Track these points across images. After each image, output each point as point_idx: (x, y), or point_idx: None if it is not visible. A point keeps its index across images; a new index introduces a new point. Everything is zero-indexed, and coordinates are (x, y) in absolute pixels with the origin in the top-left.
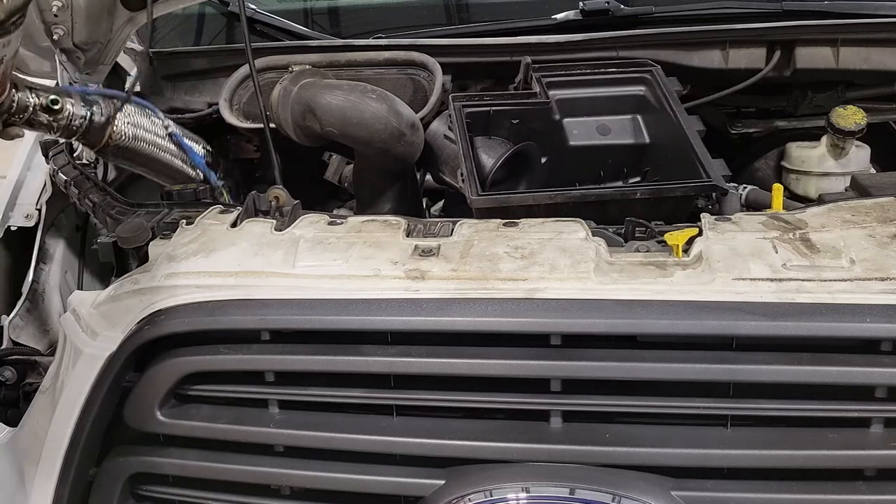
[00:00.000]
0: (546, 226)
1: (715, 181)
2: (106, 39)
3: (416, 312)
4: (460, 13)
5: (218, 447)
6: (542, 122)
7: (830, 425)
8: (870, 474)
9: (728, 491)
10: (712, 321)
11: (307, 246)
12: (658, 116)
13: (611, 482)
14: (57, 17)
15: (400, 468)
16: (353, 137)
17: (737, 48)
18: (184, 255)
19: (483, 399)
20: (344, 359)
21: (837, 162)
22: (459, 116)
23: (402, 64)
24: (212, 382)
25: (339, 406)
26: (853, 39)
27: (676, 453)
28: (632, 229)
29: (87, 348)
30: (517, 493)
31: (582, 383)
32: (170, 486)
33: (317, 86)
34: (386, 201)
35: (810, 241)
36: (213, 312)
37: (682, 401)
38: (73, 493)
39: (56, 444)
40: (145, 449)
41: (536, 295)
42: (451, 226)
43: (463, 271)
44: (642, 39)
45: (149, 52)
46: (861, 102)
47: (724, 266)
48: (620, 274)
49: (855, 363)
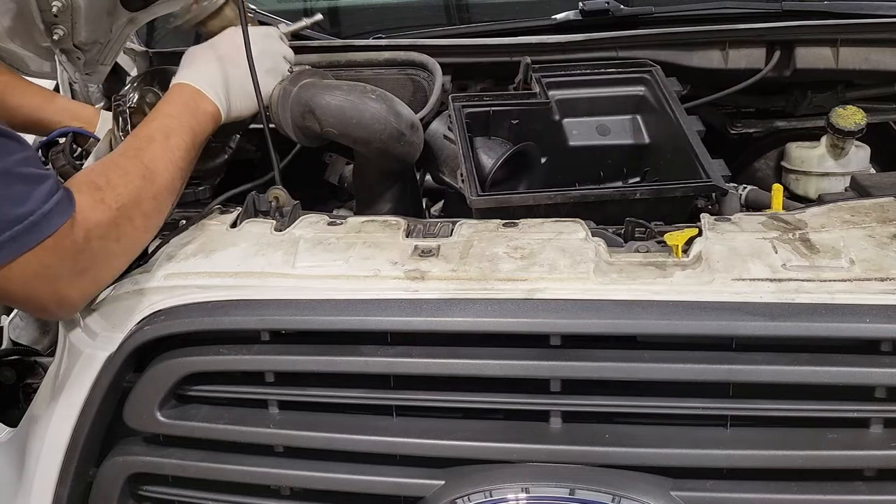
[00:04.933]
0: (546, 226)
1: (715, 181)
2: (106, 39)
3: (416, 313)
4: (460, 13)
5: (218, 448)
6: (542, 123)
7: (830, 425)
8: (869, 474)
9: (728, 491)
10: (712, 321)
11: (307, 246)
12: (658, 116)
13: (610, 482)
14: (57, 18)
15: (400, 468)
16: (353, 137)
17: (737, 48)
18: (183, 256)
19: (483, 399)
20: (344, 359)
21: (837, 162)
22: (459, 116)
23: (402, 64)
24: (212, 383)
25: (338, 406)
26: (853, 39)
27: (676, 453)
28: (631, 229)
29: (87, 348)
30: (517, 493)
31: (582, 383)
32: (170, 486)
33: (316, 86)
34: (386, 202)
35: (810, 242)
36: (213, 313)
37: (682, 401)
38: (73, 493)
39: (56, 444)
40: (145, 449)
41: (536, 295)
42: (450, 226)
43: (463, 272)
44: (642, 40)
45: (149, 52)
46: (861, 102)
47: (724, 266)
48: (620, 274)
49: (854, 363)
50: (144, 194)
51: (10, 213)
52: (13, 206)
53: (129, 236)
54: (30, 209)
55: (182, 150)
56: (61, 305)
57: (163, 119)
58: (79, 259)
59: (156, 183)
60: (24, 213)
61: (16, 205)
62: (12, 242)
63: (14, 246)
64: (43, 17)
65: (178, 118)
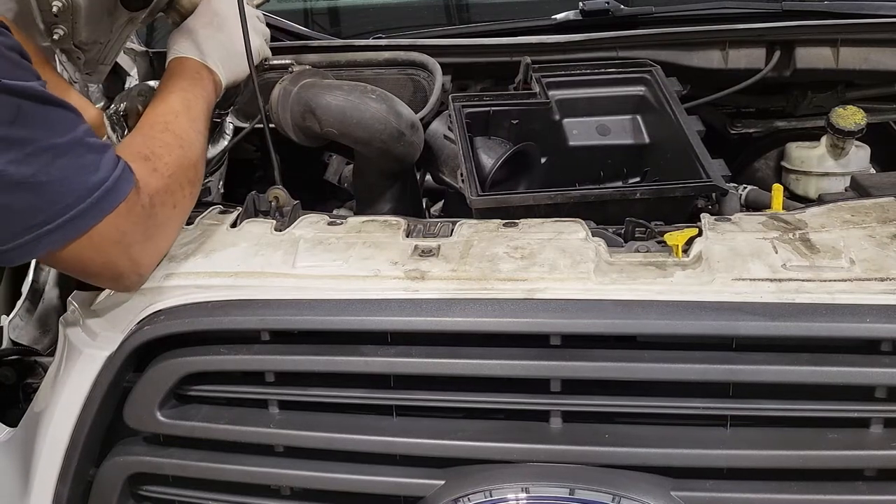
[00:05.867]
0: (546, 226)
1: (715, 181)
2: (106, 39)
3: (416, 313)
4: (460, 13)
5: (218, 447)
6: (542, 123)
7: (830, 425)
8: (870, 474)
9: (727, 491)
10: (712, 321)
11: (307, 246)
12: (658, 116)
13: (610, 482)
14: (57, 18)
15: (400, 468)
16: (353, 137)
17: (736, 48)
18: (183, 256)
19: (483, 399)
20: (344, 359)
21: (837, 162)
22: (459, 116)
23: (402, 64)
24: (212, 383)
25: (339, 406)
26: (853, 40)
27: (676, 453)
28: (631, 229)
29: (87, 348)
30: (517, 493)
31: (582, 383)
32: (169, 486)
33: (317, 86)
34: (386, 201)
35: (810, 242)
36: (213, 313)
37: (682, 401)
38: (73, 493)
39: (56, 444)
40: (145, 449)
41: (536, 295)
42: (450, 226)
43: (463, 272)
44: (642, 40)
45: (149, 52)
46: (861, 102)
47: (724, 266)
48: (620, 274)
49: (855, 363)
50: (186, 163)
51: (88, 181)
52: (89, 174)
53: (182, 203)
54: (103, 176)
55: (202, 120)
56: (137, 270)
57: (179, 93)
58: (148, 224)
59: (193, 151)
60: (99, 180)
61: (91, 172)
62: (93, 208)
63: (95, 212)
64: (43, 17)
65: (191, 90)
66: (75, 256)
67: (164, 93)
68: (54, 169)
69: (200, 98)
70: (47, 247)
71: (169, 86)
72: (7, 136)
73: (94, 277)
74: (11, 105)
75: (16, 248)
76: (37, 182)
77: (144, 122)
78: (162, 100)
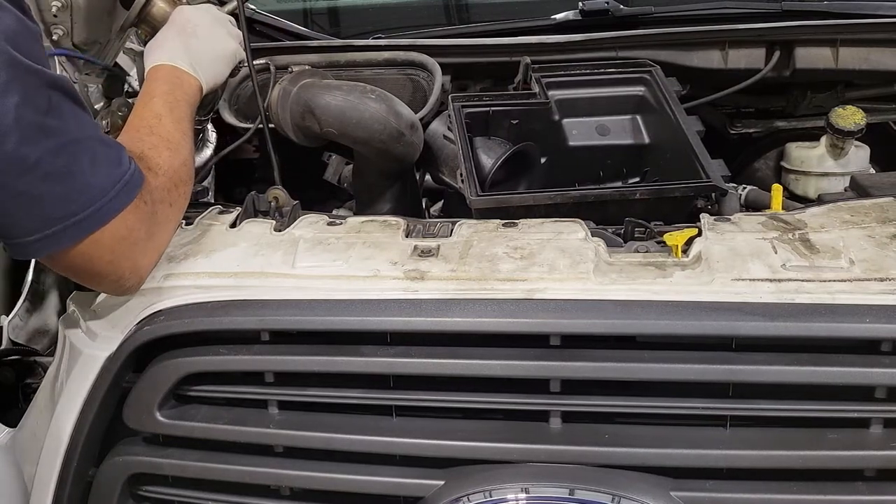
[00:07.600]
0: (545, 226)
1: (714, 181)
2: (106, 39)
3: (416, 313)
4: (460, 13)
5: (217, 448)
6: (542, 123)
7: (830, 426)
8: (869, 475)
9: (727, 491)
10: (712, 322)
11: (306, 246)
12: (658, 117)
13: (610, 482)
14: (57, 18)
15: (399, 469)
16: (353, 138)
17: (736, 48)
18: (183, 256)
19: (482, 399)
20: (343, 359)
21: (837, 162)
22: (459, 117)
23: (402, 64)
24: (211, 383)
25: (338, 406)
26: (852, 40)
27: (676, 454)
28: (631, 229)
29: (87, 348)
30: (516, 493)
31: (581, 384)
32: (169, 486)
33: (316, 86)
34: (385, 201)
35: (810, 242)
36: (213, 313)
37: (682, 401)
38: (73, 493)
39: (56, 445)
40: (145, 449)
41: (536, 295)
42: (450, 226)
43: (462, 272)
44: (642, 40)
45: None
46: (861, 102)
47: (724, 266)
48: (620, 274)
49: (854, 363)
50: (177, 163)
51: (112, 174)
52: (113, 166)
53: (178, 202)
54: (124, 169)
55: (186, 121)
56: (136, 273)
57: (160, 97)
58: (151, 222)
59: (181, 153)
60: (120, 173)
61: (115, 165)
62: (115, 200)
63: (116, 204)
64: (43, 17)
65: (172, 94)
66: (84, 254)
67: (146, 98)
68: (85, 160)
69: (182, 101)
70: (72, 239)
71: (150, 91)
72: (44, 124)
73: (96, 278)
74: (45, 95)
75: (41, 238)
76: (69, 172)
77: (129, 126)
78: (144, 104)
